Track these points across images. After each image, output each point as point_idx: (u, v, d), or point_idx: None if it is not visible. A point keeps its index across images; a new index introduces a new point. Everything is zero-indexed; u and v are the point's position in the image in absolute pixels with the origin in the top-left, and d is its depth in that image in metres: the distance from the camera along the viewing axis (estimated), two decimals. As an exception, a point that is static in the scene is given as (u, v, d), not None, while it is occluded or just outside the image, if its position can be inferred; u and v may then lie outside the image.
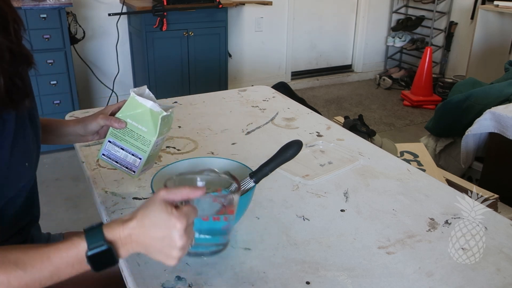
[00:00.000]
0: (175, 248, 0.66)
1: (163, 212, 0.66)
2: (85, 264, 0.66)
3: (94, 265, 0.66)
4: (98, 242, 0.65)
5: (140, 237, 0.67)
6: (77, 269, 0.66)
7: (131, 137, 0.94)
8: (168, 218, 0.66)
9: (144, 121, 0.93)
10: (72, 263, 0.66)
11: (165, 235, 0.66)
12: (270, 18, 4.22)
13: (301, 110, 1.56)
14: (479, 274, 0.80)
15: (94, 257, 0.65)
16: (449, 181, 1.87)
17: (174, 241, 0.66)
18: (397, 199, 1.03)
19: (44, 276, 0.65)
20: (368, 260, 0.83)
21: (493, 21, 3.99)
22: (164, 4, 3.15)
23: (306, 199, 1.02)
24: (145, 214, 0.67)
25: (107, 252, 0.65)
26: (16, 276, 0.63)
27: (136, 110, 0.93)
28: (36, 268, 0.64)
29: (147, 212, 0.67)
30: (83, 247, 0.65)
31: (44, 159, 2.90)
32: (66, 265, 0.65)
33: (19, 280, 0.63)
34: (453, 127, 2.60)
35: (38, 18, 2.74)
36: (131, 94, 0.94)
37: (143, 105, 0.92)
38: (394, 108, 4.08)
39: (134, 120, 0.94)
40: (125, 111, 0.94)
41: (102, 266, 0.66)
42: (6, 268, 0.63)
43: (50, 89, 2.91)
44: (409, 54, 4.86)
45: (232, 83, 4.04)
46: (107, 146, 0.97)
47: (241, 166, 0.94)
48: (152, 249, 0.67)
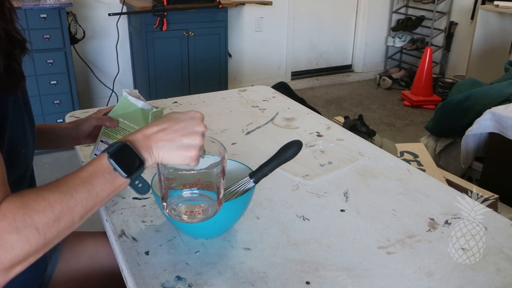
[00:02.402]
0: (197, 135, 0.70)
1: (178, 112, 0.73)
2: (113, 172, 0.66)
3: (120, 165, 0.66)
4: (116, 144, 0.68)
5: (159, 134, 0.70)
6: (110, 180, 0.67)
7: (123, 135, 0.96)
8: (187, 112, 0.73)
9: (135, 119, 0.95)
10: (102, 173, 0.66)
11: (187, 123, 0.71)
12: (270, 18, 4.22)
13: (301, 110, 1.56)
14: (479, 274, 0.80)
15: (116, 157, 0.66)
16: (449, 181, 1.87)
17: (195, 127, 0.71)
18: (397, 199, 1.03)
19: (82, 194, 0.64)
20: (368, 260, 0.83)
21: (493, 21, 3.99)
22: (164, 4, 3.15)
23: (306, 199, 1.02)
24: (162, 118, 0.72)
25: (125, 147, 0.67)
26: (56, 200, 0.62)
27: (128, 110, 0.95)
28: (70, 188, 0.64)
29: (164, 117, 0.73)
30: (104, 155, 0.67)
31: (44, 159, 2.90)
32: (97, 178, 0.66)
33: (60, 203, 0.62)
34: (453, 127, 2.60)
35: (38, 18, 2.74)
36: (124, 94, 0.95)
37: (134, 104, 0.95)
38: (394, 108, 4.08)
39: (125, 119, 0.95)
40: (117, 111, 0.96)
41: (129, 167, 0.67)
42: (43, 195, 0.61)
43: (50, 89, 2.91)
44: (409, 54, 4.86)
45: (232, 83, 4.04)
46: (100, 146, 0.98)
47: (241, 166, 0.94)
48: (173, 144, 0.70)
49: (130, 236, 0.88)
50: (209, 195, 0.76)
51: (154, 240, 0.86)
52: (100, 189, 0.66)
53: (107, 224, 0.92)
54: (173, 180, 0.74)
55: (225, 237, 0.88)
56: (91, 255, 1.07)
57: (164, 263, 0.81)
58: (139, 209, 0.96)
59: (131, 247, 0.84)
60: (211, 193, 0.76)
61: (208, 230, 0.86)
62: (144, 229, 0.90)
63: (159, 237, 0.87)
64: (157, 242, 0.86)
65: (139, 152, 0.68)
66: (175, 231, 0.89)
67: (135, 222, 0.92)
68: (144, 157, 0.68)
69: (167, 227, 0.90)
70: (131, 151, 0.67)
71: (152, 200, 0.99)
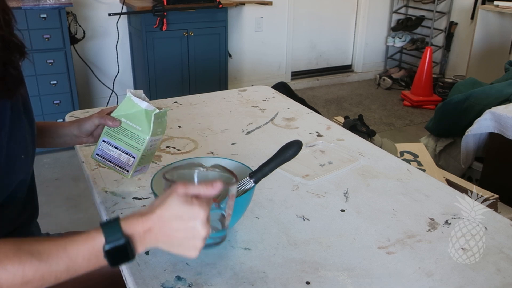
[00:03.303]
0: (199, 238, 0.65)
1: (184, 203, 0.65)
2: (102, 259, 0.64)
3: (111, 259, 0.64)
4: (116, 235, 0.63)
5: (161, 230, 0.65)
6: (93, 264, 0.64)
7: (125, 135, 0.95)
8: (191, 208, 0.64)
9: (138, 120, 0.94)
10: (88, 257, 0.64)
11: (189, 225, 0.64)
12: (270, 18, 4.22)
13: (301, 110, 1.56)
14: (479, 274, 0.80)
15: (112, 252, 0.63)
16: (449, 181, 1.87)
17: (197, 231, 0.65)
18: (397, 199, 1.03)
19: (60, 268, 0.62)
20: (368, 260, 0.83)
21: (493, 21, 3.99)
22: (164, 4, 3.15)
23: (306, 199, 1.02)
24: (165, 207, 0.65)
25: (124, 246, 0.64)
26: (31, 266, 0.60)
27: (131, 110, 0.94)
28: (52, 259, 0.62)
29: (167, 205, 0.65)
30: (100, 240, 0.64)
31: (44, 159, 2.90)
32: (82, 258, 0.63)
33: (34, 271, 0.60)
34: (453, 127, 2.60)
35: (38, 18, 2.74)
36: (128, 94, 0.94)
37: (138, 105, 0.94)
38: (394, 108, 4.08)
39: (128, 119, 0.95)
40: (120, 111, 0.95)
41: (118, 260, 0.65)
42: (20, 257, 0.60)
43: (50, 89, 2.91)
44: (409, 54, 4.86)
45: (232, 83, 4.04)
46: (101, 146, 0.98)
47: (241, 166, 0.94)
48: (174, 242, 0.66)
49: (130, 236, 0.87)
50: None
51: (154, 240, 0.86)
52: (80, 268, 0.64)
53: (107, 224, 0.92)
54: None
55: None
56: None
57: (164, 263, 0.81)
58: (139, 209, 0.96)
59: (131, 247, 0.84)
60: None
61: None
62: (144, 229, 0.90)
63: (159, 237, 0.87)
64: (157, 242, 0.86)
65: (135, 250, 0.65)
66: (175, 231, 0.89)
67: (135, 222, 0.91)
68: (138, 252, 0.66)
69: (167, 227, 0.90)
70: (128, 251, 0.64)
71: (152, 200, 0.99)
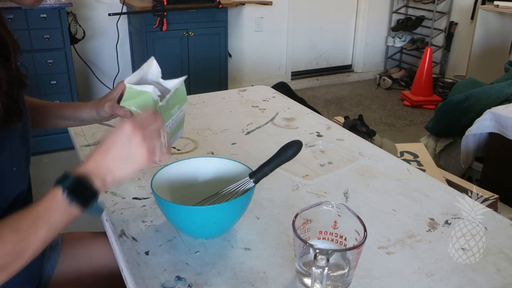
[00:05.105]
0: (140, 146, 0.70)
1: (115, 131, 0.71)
2: (69, 206, 0.67)
3: (75, 200, 0.68)
4: (67, 178, 0.68)
5: (106, 159, 0.70)
6: (67, 214, 0.68)
7: None
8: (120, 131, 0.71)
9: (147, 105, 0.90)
10: (58, 208, 0.67)
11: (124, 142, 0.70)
12: (270, 18, 4.22)
13: (301, 110, 1.56)
14: (479, 274, 0.80)
15: (72, 193, 0.67)
16: (449, 181, 1.87)
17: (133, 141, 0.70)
18: (397, 199, 1.03)
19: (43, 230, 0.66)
20: (368, 260, 0.83)
21: (493, 21, 3.99)
22: (164, 4, 3.15)
23: (306, 199, 1.02)
24: (102, 143, 0.72)
25: (79, 183, 0.68)
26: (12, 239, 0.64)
27: (137, 97, 0.90)
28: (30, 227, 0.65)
29: (103, 141, 0.72)
30: (58, 189, 0.68)
31: (44, 159, 2.90)
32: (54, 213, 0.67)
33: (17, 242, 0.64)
34: (453, 127, 2.60)
35: (38, 18, 2.74)
36: (127, 85, 0.91)
37: (143, 91, 0.90)
38: (394, 108, 4.08)
39: (138, 107, 0.91)
40: (127, 99, 0.92)
41: (84, 199, 0.68)
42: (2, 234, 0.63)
43: (50, 89, 2.91)
44: (409, 54, 4.86)
45: (232, 83, 4.04)
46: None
47: (241, 166, 0.94)
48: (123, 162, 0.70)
49: (130, 236, 0.88)
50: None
51: (154, 240, 0.86)
52: (58, 223, 0.68)
53: (107, 224, 0.92)
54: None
55: (225, 237, 0.88)
56: (91, 255, 1.07)
57: (164, 263, 0.81)
58: (139, 209, 0.96)
59: (131, 247, 0.84)
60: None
61: (208, 230, 0.86)
62: (144, 229, 0.90)
63: (159, 237, 0.87)
64: (157, 242, 0.86)
65: (93, 183, 0.69)
66: (175, 231, 0.89)
67: (135, 222, 0.92)
68: (98, 188, 0.69)
69: (167, 227, 0.90)
70: (87, 187, 0.68)
71: (152, 200, 0.99)
